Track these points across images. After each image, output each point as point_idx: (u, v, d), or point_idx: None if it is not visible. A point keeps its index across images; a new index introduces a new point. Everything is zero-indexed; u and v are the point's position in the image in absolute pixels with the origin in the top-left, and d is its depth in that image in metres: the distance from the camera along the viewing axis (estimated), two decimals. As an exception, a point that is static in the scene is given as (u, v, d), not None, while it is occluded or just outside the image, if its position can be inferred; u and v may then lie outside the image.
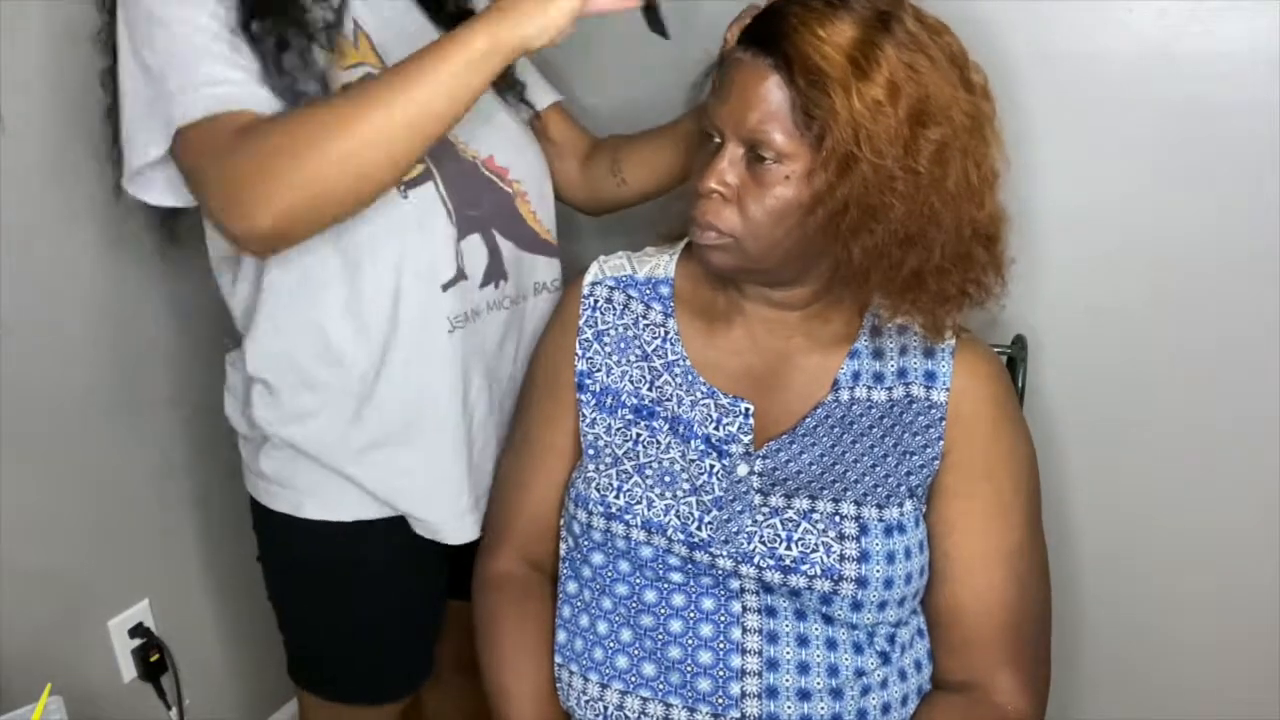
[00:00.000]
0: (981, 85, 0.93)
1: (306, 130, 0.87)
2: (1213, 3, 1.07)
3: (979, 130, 0.91)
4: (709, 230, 0.94)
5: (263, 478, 1.12)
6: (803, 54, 0.87)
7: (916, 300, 0.94)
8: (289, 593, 1.20)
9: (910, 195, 0.88)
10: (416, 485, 1.10)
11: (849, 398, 1.01)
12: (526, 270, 1.14)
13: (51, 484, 1.31)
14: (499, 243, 1.09)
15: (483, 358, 1.11)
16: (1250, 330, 1.15)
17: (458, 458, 1.10)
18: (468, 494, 1.12)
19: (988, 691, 0.97)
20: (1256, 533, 1.21)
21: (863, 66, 0.86)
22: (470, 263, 1.07)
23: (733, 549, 0.96)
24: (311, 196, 0.87)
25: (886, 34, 0.88)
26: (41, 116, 1.20)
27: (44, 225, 1.23)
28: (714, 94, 0.95)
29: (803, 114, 0.88)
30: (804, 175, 0.90)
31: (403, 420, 1.07)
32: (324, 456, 1.08)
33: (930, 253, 0.91)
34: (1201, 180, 1.13)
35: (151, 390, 1.42)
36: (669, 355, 1.04)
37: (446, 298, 1.05)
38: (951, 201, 0.90)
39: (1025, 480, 1.00)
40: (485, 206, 1.08)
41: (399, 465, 1.09)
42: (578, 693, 1.02)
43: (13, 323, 1.21)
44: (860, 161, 0.86)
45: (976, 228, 0.93)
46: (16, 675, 1.25)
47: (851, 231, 0.89)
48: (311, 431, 1.07)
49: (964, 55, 0.92)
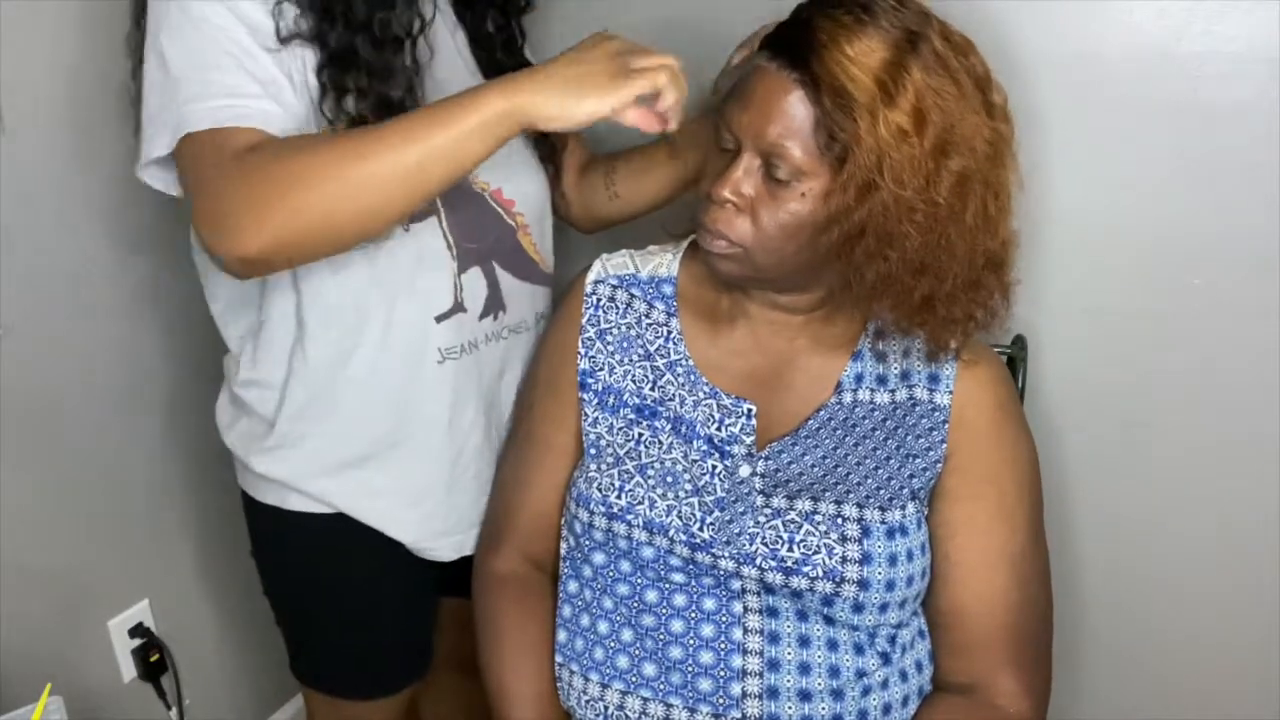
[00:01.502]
0: (1001, 106, 0.91)
1: (309, 165, 0.85)
2: (1213, 3, 1.07)
3: (999, 156, 0.90)
4: (719, 239, 0.93)
5: (251, 471, 1.13)
6: (830, 73, 0.85)
7: (924, 323, 0.94)
8: (282, 587, 1.21)
9: (927, 226, 0.87)
10: (382, 506, 1.11)
11: (852, 400, 1.01)
12: (527, 301, 1.14)
13: (51, 484, 1.31)
14: (499, 275, 1.10)
15: (479, 388, 1.11)
16: (1250, 330, 1.15)
17: (434, 485, 1.12)
18: (441, 519, 1.13)
19: (989, 693, 0.97)
20: (1257, 533, 1.21)
21: (890, 91, 0.84)
22: (470, 295, 1.07)
23: (734, 550, 0.96)
24: (302, 230, 0.86)
25: (915, 55, 0.86)
26: (41, 116, 1.20)
27: (44, 225, 1.23)
28: (734, 99, 0.93)
29: (825, 134, 0.86)
30: (821, 194, 0.88)
31: (379, 443, 1.08)
32: (300, 466, 1.09)
33: (942, 282, 0.91)
34: (1201, 180, 1.13)
35: (151, 390, 1.42)
36: (671, 355, 1.04)
37: (440, 329, 1.06)
38: (968, 233, 0.89)
39: (1028, 483, 1.00)
40: (488, 240, 1.09)
41: (370, 486, 1.10)
42: (578, 692, 1.02)
43: (13, 323, 1.21)
44: (880, 189, 0.85)
45: (989, 257, 0.92)
46: (16, 675, 1.25)
47: (866, 257, 0.89)
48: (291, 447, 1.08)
49: (988, 76, 0.91)
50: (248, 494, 1.16)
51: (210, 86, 0.89)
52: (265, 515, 1.14)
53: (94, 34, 1.23)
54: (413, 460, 1.10)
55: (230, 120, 0.89)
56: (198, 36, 0.90)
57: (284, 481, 1.10)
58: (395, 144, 0.85)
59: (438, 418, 1.09)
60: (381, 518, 1.11)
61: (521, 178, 1.12)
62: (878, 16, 0.86)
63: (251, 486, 1.15)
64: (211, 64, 0.90)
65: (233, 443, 1.13)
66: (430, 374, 1.07)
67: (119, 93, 1.25)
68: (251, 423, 1.11)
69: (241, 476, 1.16)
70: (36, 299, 1.24)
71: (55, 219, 1.24)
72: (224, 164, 0.87)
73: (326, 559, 1.15)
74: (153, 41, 0.92)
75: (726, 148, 0.93)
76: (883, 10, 0.87)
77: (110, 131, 1.27)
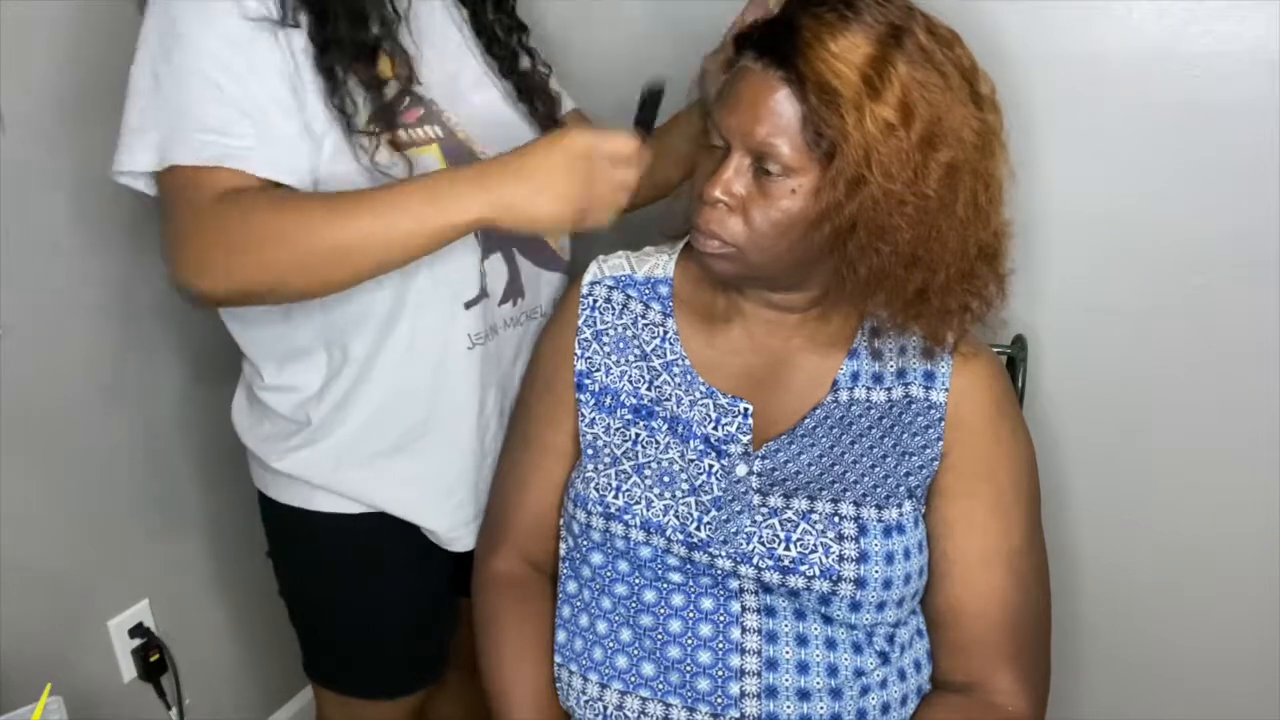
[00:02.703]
0: (989, 97, 0.92)
1: (282, 225, 0.88)
2: (1213, 3, 1.07)
3: (987, 146, 0.90)
4: (713, 239, 0.94)
5: (271, 472, 1.13)
6: (816, 70, 0.86)
7: (919, 316, 0.94)
8: (301, 587, 1.21)
9: (918, 219, 0.87)
10: (416, 495, 1.11)
11: (848, 398, 1.01)
12: (543, 287, 1.16)
13: (52, 484, 1.31)
14: (519, 261, 1.11)
15: (498, 373, 1.12)
16: (1250, 330, 1.15)
17: (465, 471, 1.12)
18: (471, 505, 1.14)
19: (987, 692, 0.97)
20: (1256, 533, 1.21)
21: (875, 85, 0.85)
22: (492, 281, 1.08)
23: (732, 549, 0.96)
24: (268, 283, 0.90)
25: (899, 50, 0.86)
26: (41, 116, 1.20)
27: (44, 225, 1.23)
28: (721, 101, 0.93)
29: (813, 131, 0.87)
30: (811, 191, 0.89)
31: (412, 432, 1.09)
32: (330, 460, 1.09)
33: (935, 273, 0.91)
34: (1201, 180, 1.13)
35: (152, 390, 1.42)
36: (668, 355, 1.04)
37: (469, 315, 1.06)
38: (959, 225, 0.89)
39: (1025, 481, 1.00)
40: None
41: (402, 475, 1.10)
42: (577, 692, 1.02)
43: (13, 323, 1.21)
44: (869, 183, 0.85)
45: (982, 247, 0.92)
46: (16, 675, 1.25)
47: (858, 251, 0.89)
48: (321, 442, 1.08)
49: (974, 68, 0.91)
50: (266, 495, 1.16)
51: (197, 120, 0.90)
52: (287, 516, 1.14)
53: (94, 33, 1.23)
54: (444, 447, 1.10)
55: (212, 160, 0.90)
56: (191, 59, 0.90)
57: (312, 479, 1.10)
58: (368, 219, 0.88)
59: (467, 403, 1.09)
60: (414, 507, 1.12)
61: None
62: (861, 12, 0.87)
63: (272, 487, 1.14)
64: (198, 95, 0.90)
65: (254, 444, 1.13)
66: (460, 360, 1.07)
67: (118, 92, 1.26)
68: (276, 424, 1.10)
69: (259, 478, 1.16)
70: (36, 299, 1.24)
71: (55, 219, 1.24)
72: (202, 206, 0.89)
73: (351, 559, 1.15)
74: (146, 47, 0.92)
75: (716, 146, 0.94)
76: (866, 6, 0.87)
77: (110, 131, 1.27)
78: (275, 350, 1.08)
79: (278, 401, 1.09)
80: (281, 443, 1.10)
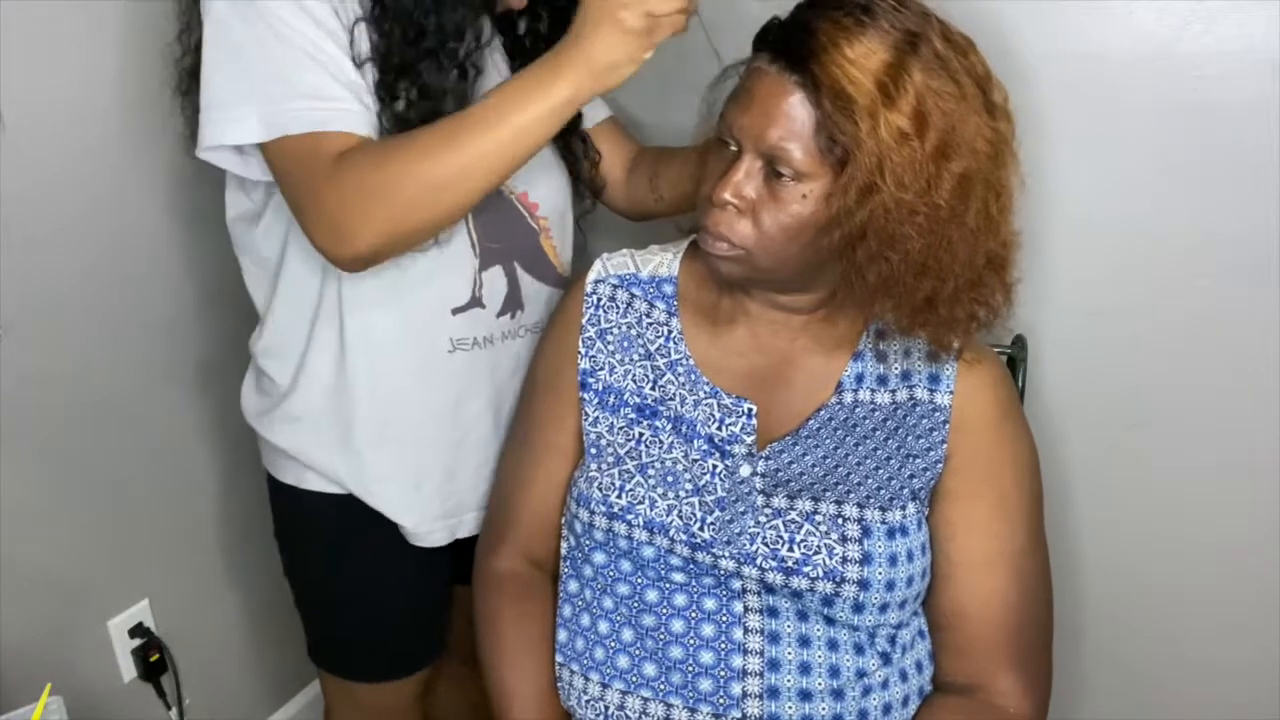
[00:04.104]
0: (1002, 106, 0.91)
1: (400, 164, 0.91)
2: (1213, 3, 1.07)
3: (1000, 156, 0.90)
4: (721, 241, 0.93)
5: (271, 449, 1.16)
6: (831, 76, 0.85)
7: (926, 324, 0.94)
8: (299, 566, 1.24)
9: (929, 228, 0.87)
10: (385, 488, 1.14)
11: (852, 400, 1.01)
12: (544, 302, 1.17)
13: (51, 484, 1.31)
14: (519, 275, 1.13)
15: (491, 382, 1.14)
16: (1250, 330, 1.15)
17: (430, 470, 1.14)
18: (438, 504, 1.16)
19: (989, 693, 0.97)
20: (1257, 533, 1.21)
21: (891, 93, 0.84)
22: (489, 292, 1.11)
23: (735, 550, 0.96)
24: (408, 224, 0.93)
25: (915, 57, 0.85)
26: (43, 115, 1.20)
27: (44, 225, 1.23)
28: (733, 101, 0.93)
29: (826, 136, 0.86)
30: (822, 196, 0.88)
31: (385, 427, 1.11)
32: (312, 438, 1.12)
33: (944, 282, 0.90)
34: (1202, 180, 1.13)
35: (151, 390, 1.41)
36: (672, 354, 1.04)
37: (455, 321, 1.09)
38: (970, 234, 0.89)
39: (1028, 483, 1.00)
40: (511, 241, 1.12)
41: (375, 470, 1.13)
42: (578, 692, 1.02)
43: (12, 323, 1.21)
44: (881, 191, 0.85)
45: (991, 256, 0.92)
46: (16, 675, 1.24)
47: (867, 258, 0.89)
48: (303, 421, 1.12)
49: (988, 75, 0.90)
50: (270, 475, 1.20)
51: (295, 86, 0.92)
52: (285, 495, 1.18)
53: (94, 32, 1.23)
54: (415, 445, 1.13)
55: (317, 125, 0.92)
56: (274, 32, 0.91)
57: (299, 454, 1.13)
58: (480, 131, 0.91)
59: (442, 404, 1.12)
60: (384, 502, 1.14)
61: (545, 181, 1.15)
62: (877, 18, 0.86)
63: (273, 465, 1.18)
64: (291, 63, 0.92)
65: (254, 420, 1.17)
66: (440, 362, 1.10)
67: (118, 90, 1.26)
68: (265, 390, 1.15)
69: (265, 457, 1.20)
70: (36, 299, 1.23)
71: (55, 218, 1.24)
72: (323, 170, 0.91)
73: (339, 539, 1.18)
74: (220, 23, 0.93)
75: (725, 148, 0.93)
76: (882, 11, 0.86)
77: (110, 129, 1.27)
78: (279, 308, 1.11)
79: (268, 364, 1.13)
80: (273, 411, 1.13)
